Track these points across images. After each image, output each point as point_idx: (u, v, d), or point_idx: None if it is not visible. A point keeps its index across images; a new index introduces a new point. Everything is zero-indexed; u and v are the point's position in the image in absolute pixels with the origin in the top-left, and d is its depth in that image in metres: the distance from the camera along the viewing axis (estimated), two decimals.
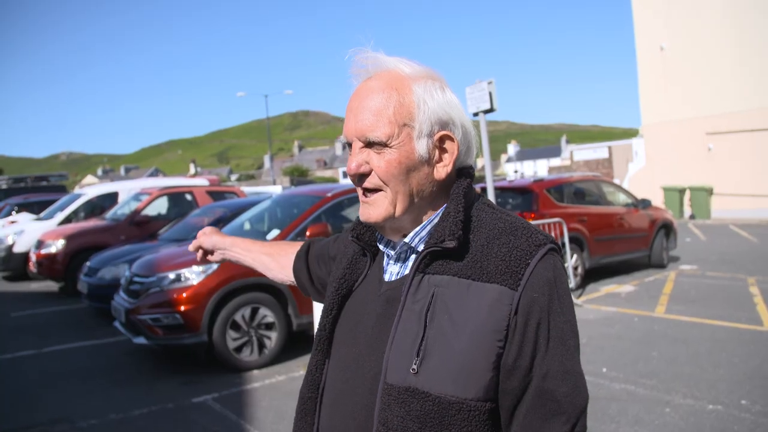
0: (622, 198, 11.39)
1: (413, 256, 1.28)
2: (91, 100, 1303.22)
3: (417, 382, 1.15)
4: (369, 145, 1.21)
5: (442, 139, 1.23)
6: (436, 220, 1.26)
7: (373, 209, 1.24)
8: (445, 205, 1.26)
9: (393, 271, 1.31)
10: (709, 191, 21.10)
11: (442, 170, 1.24)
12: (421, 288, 1.20)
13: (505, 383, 1.15)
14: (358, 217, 1.36)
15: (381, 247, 1.34)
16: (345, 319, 1.35)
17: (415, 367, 1.15)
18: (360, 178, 1.24)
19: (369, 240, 1.37)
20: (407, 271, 1.27)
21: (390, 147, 1.20)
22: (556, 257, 1.21)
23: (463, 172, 1.29)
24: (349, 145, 1.26)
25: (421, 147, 1.21)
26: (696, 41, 21.17)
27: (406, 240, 1.27)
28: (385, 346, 1.21)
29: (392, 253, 1.30)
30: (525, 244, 1.19)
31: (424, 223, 1.26)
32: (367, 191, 1.25)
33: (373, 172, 1.22)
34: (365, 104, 1.21)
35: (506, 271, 1.16)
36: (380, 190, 1.23)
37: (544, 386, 1.14)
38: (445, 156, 1.24)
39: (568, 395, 1.14)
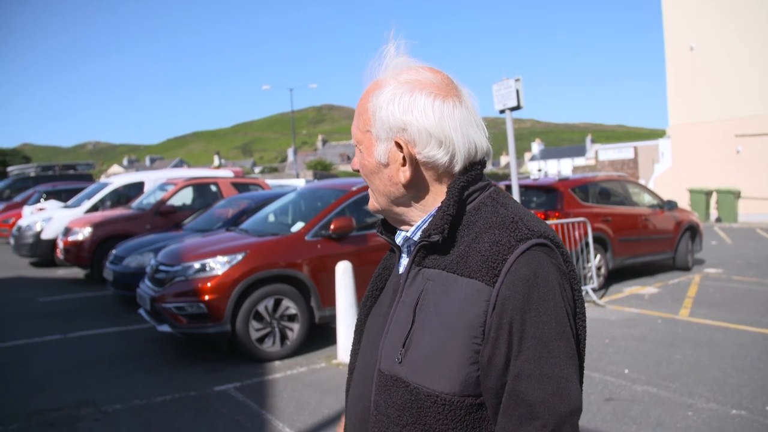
0: (647, 199, 11.28)
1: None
2: (117, 91, 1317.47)
3: (400, 372, 1.21)
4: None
5: (399, 145, 1.25)
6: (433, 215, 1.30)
7: (370, 200, 1.37)
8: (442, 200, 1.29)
9: (404, 263, 1.36)
10: (737, 194, 20.79)
11: (401, 175, 1.27)
12: (416, 281, 1.25)
13: (484, 381, 1.15)
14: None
15: (397, 240, 1.38)
16: (373, 312, 1.42)
17: (399, 356, 1.21)
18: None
19: (391, 234, 1.43)
20: None
21: (360, 151, 1.32)
22: (543, 253, 1.16)
23: (470, 169, 1.28)
24: None
25: (379, 151, 1.28)
26: (726, 42, 20.85)
27: (408, 234, 1.32)
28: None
29: (402, 245, 1.37)
30: (507, 238, 1.17)
31: (425, 217, 1.30)
32: None
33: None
34: (356, 109, 1.34)
35: (484, 267, 1.15)
36: (368, 186, 1.36)
37: (516, 388, 1.11)
38: (406, 160, 1.26)
39: (544, 400, 1.09)
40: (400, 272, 1.35)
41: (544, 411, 1.08)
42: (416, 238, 1.30)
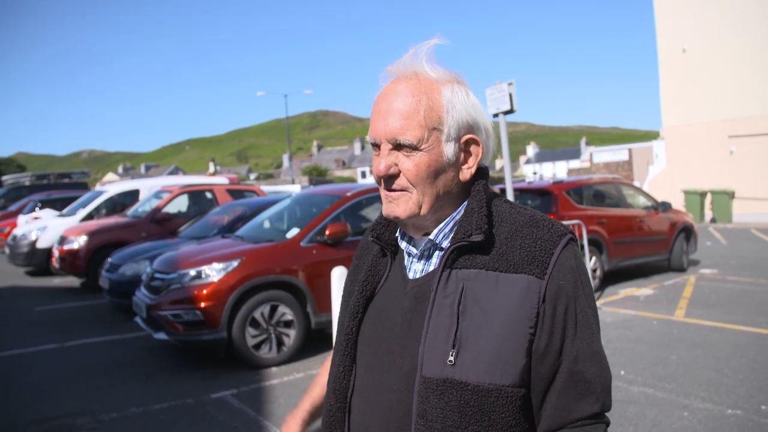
0: (641, 201, 11.31)
1: (437, 253, 1.31)
2: (111, 99, 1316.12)
3: (454, 373, 1.18)
4: (398, 147, 1.24)
5: (467, 142, 1.28)
6: (458, 217, 1.30)
7: (397, 206, 1.26)
8: (465, 203, 1.30)
9: (417, 268, 1.33)
10: (731, 195, 20.87)
11: (466, 172, 1.29)
12: (450, 282, 1.24)
13: (537, 368, 1.20)
14: (376, 218, 1.41)
15: (403, 245, 1.36)
16: (369, 321, 1.37)
17: (452, 358, 1.19)
18: (388, 179, 1.26)
19: (388, 239, 1.40)
20: (432, 268, 1.30)
21: (420, 150, 1.22)
22: (576, 246, 1.28)
23: (480, 172, 1.33)
24: (376, 146, 1.27)
25: (449, 150, 1.25)
26: (718, 43, 20.95)
27: (431, 237, 1.30)
28: (417, 342, 1.24)
29: (415, 251, 1.33)
30: (548, 235, 1.25)
31: (446, 220, 1.30)
32: (393, 190, 1.27)
33: (401, 174, 1.25)
34: (395, 107, 1.23)
35: (532, 261, 1.21)
36: (406, 191, 1.25)
37: (575, 368, 1.20)
38: (471, 158, 1.29)
39: (597, 375, 1.21)
40: (413, 277, 1.32)
41: (598, 385, 1.22)
42: (438, 240, 1.29)
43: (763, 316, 7.49)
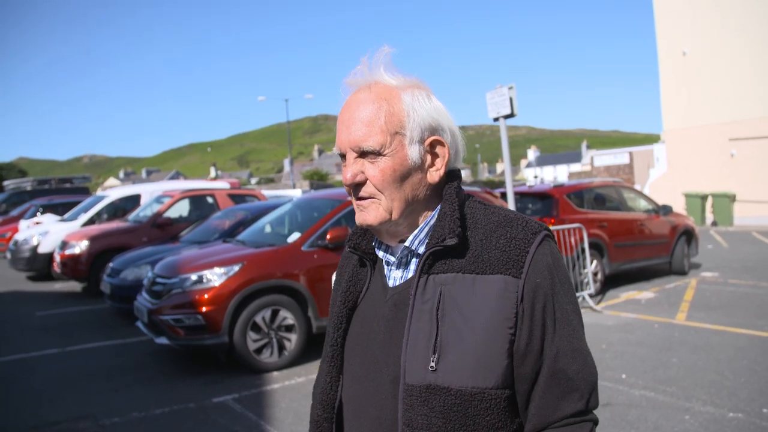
0: (642, 204, 11.31)
1: (414, 260, 1.31)
2: (113, 104, 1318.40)
3: (436, 379, 1.19)
4: (363, 155, 1.25)
5: (432, 145, 1.28)
6: (432, 222, 1.30)
7: (368, 213, 1.27)
8: (439, 207, 1.31)
9: (396, 276, 1.34)
10: (732, 198, 20.87)
11: (435, 174, 1.29)
12: (428, 288, 1.24)
13: (520, 368, 1.20)
14: (352, 228, 1.42)
15: (380, 254, 1.36)
16: (354, 331, 1.38)
17: (433, 364, 1.19)
18: (356, 187, 1.27)
19: (366, 248, 1.40)
20: (410, 275, 1.31)
21: (384, 155, 1.24)
22: (552, 242, 1.28)
23: (452, 175, 1.33)
24: (343, 156, 1.29)
25: (414, 153, 1.25)
26: (718, 46, 20.96)
27: (406, 244, 1.30)
28: (399, 349, 1.24)
29: (393, 259, 1.33)
30: (522, 233, 1.25)
31: (421, 225, 1.30)
32: (362, 198, 1.28)
33: (368, 181, 1.26)
34: (356, 116, 1.24)
35: (508, 261, 1.22)
36: (374, 197, 1.26)
37: (556, 366, 1.20)
38: (437, 160, 1.29)
39: (579, 372, 1.21)
40: (392, 285, 1.33)
41: (581, 382, 1.21)
42: (414, 246, 1.29)
43: (764, 319, 7.48)
